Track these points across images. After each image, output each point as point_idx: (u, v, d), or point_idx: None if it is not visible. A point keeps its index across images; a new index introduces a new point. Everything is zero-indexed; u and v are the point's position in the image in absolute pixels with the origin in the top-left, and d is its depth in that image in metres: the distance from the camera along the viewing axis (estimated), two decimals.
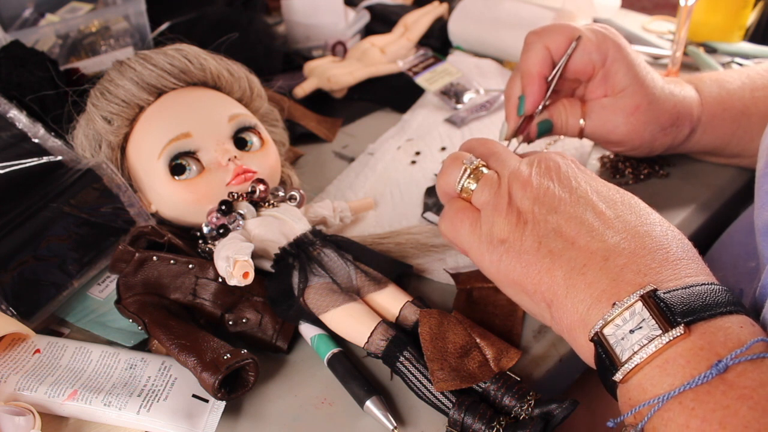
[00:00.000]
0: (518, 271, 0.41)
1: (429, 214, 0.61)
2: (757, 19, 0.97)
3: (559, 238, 0.40)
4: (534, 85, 0.56)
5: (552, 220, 0.40)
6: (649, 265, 0.36)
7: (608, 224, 0.39)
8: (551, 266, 0.39)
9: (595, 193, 0.41)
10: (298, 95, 0.78)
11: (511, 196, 0.42)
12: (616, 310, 0.35)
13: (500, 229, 0.42)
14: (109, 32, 0.81)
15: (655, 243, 0.37)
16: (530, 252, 0.40)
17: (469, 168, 0.46)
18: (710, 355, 0.32)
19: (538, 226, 0.41)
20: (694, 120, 0.59)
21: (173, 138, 0.53)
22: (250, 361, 0.43)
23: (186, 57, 0.57)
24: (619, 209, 0.40)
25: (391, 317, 0.47)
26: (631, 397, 0.34)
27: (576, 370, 0.51)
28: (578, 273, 0.38)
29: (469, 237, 0.44)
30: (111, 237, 0.53)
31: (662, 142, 0.59)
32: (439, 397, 0.41)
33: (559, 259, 0.39)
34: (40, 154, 0.54)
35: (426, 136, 0.73)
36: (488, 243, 0.43)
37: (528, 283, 0.40)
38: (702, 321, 0.33)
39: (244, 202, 0.53)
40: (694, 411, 0.31)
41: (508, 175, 0.43)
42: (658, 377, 0.33)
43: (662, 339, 0.33)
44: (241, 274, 0.45)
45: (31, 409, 0.41)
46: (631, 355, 0.34)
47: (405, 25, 0.89)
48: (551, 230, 0.40)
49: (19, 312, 0.48)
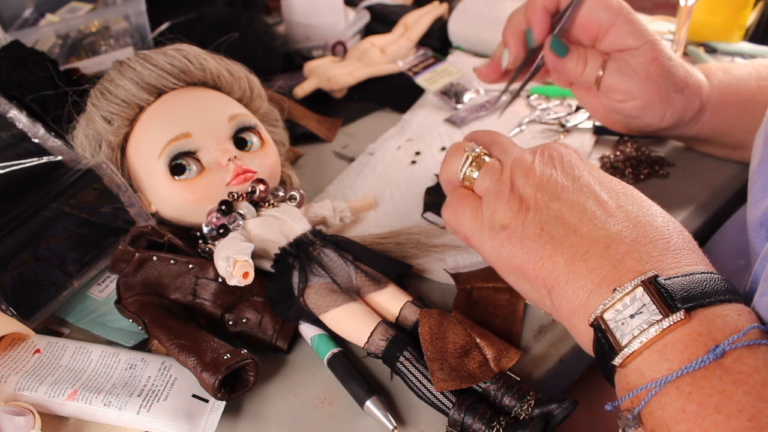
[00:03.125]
0: (520, 257, 0.41)
1: (429, 214, 0.61)
2: (757, 19, 0.97)
3: (561, 225, 0.40)
4: (538, 15, 0.57)
5: (554, 207, 0.40)
6: (651, 253, 0.37)
7: (610, 213, 0.39)
8: (553, 252, 0.39)
9: (597, 183, 0.42)
10: (298, 95, 0.78)
11: (514, 183, 0.43)
12: (617, 295, 0.35)
13: (502, 215, 0.42)
14: (109, 32, 0.81)
15: (657, 233, 0.38)
16: (532, 238, 0.40)
17: (471, 156, 0.46)
18: (708, 341, 0.32)
19: (540, 213, 0.41)
20: (703, 97, 0.58)
21: (173, 138, 0.53)
22: (250, 361, 0.43)
23: (186, 57, 0.57)
24: (621, 199, 0.40)
25: (391, 317, 0.47)
26: (629, 382, 0.34)
27: (576, 370, 0.51)
28: (580, 259, 0.38)
29: (471, 224, 0.45)
30: (111, 237, 0.53)
31: (676, 106, 0.58)
32: (439, 397, 0.41)
33: (561, 245, 0.39)
34: (40, 154, 0.55)
35: (426, 136, 0.73)
36: (490, 229, 0.43)
37: (529, 269, 0.41)
38: (701, 308, 0.34)
39: (244, 202, 0.53)
40: (690, 395, 0.31)
41: (511, 163, 0.44)
42: (656, 362, 0.33)
43: (662, 323, 0.33)
44: (241, 274, 0.45)
45: (31, 409, 0.41)
46: (631, 339, 0.34)
47: (405, 25, 0.89)
48: (553, 217, 0.40)
49: (19, 312, 0.48)
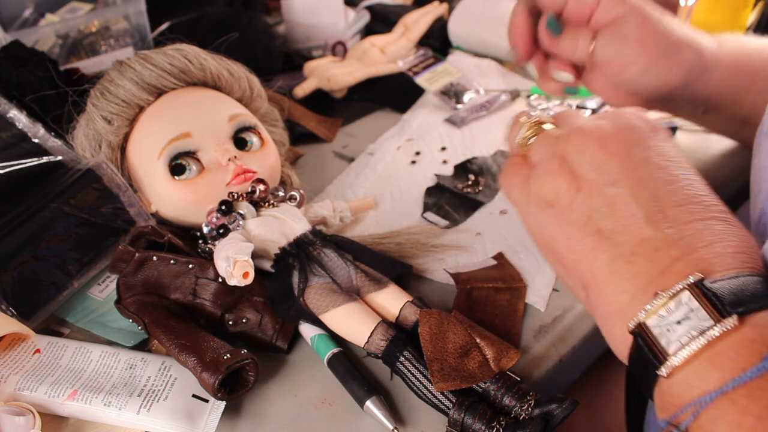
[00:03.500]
0: (560, 242, 0.38)
1: (429, 214, 0.61)
2: (757, 19, 0.97)
3: (611, 217, 0.36)
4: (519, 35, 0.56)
5: (608, 194, 0.36)
6: (703, 256, 0.33)
7: (666, 212, 0.35)
8: (596, 246, 0.36)
9: (663, 170, 0.37)
10: (298, 95, 0.78)
11: (567, 156, 0.38)
12: (660, 300, 0.33)
13: (548, 191, 0.39)
14: (109, 32, 0.81)
15: (715, 237, 0.34)
16: (577, 225, 0.37)
17: (529, 122, 0.42)
18: (762, 348, 0.30)
19: (591, 197, 0.37)
20: (706, 54, 0.55)
21: (173, 138, 0.53)
22: (250, 361, 0.43)
23: (186, 57, 0.57)
24: (683, 193, 0.36)
25: (391, 317, 0.47)
26: (674, 394, 0.32)
27: (576, 370, 0.51)
28: (625, 261, 0.35)
29: (518, 195, 0.42)
30: (111, 237, 0.53)
31: (678, 63, 0.54)
32: (439, 397, 0.41)
33: (606, 241, 0.36)
34: (40, 154, 0.54)
35: (426, 136, 0.73)
36: (536, 204, 0.40)
37: (567, 258, 0.38)
38: (752, 312, 0.31)
39: (244, 202, 0.53)
40: (747, 409, 0.29)
41: (570, 132, 0.39)
42: (705, 372, 0.31)
43: (714, 330, 0.31)
44: (241, 274, 0.45)
45: (31, 409, 0.41)
46: (679, 347, 0.31)
47: (405, 25, 0.89)
48: (605, 205, 0.36)
49: (19, 312, 0.48)
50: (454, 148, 0.71)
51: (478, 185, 0.65)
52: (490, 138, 0.72)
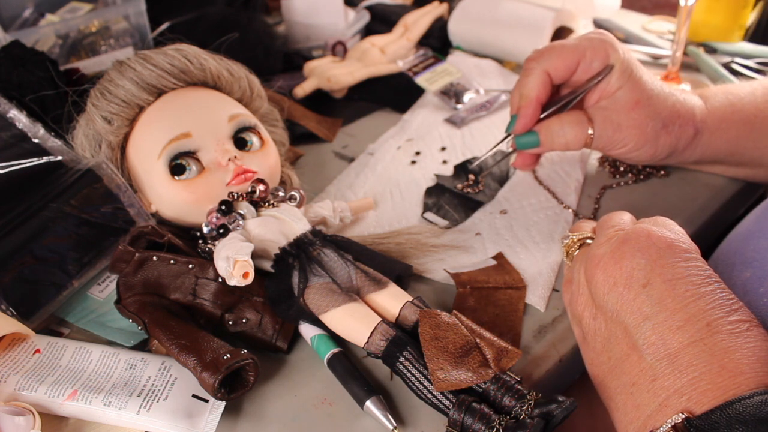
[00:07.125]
0: (588, 359, 0.44)
1: (429, 214, 0.61)
2: (757, 19, 0.97)
3: (619, 345, 0.40)
4: (530, 108, 0.56)
5: (619, 321, 0.40)
6: (698, 384, 0.34)
7: (666, 337, 0.36)
8: (609, 372, 0.40)
9: (666, 292, 0.37)
10: (298, 95, 0.78)
11: (585, 282, 0.43)
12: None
13: (575, 312, 0.45)
14: (109, 32, 0.81)
15: (717, 356, 0.34)
16: (596, 350, 0.42)
17: (567, 240, 0.48)
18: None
19: (608, 324, 0.41)
20: (697, 122, 0.58)
21: (173, 138, 0.53)
22: (250, 361, 0.43)
23: (186, 57, 0.57)
24: (684, 313, 0.37)
25: (391, 317, 0.47)
26: None
27: (576, 370, 0.51)
28: (627, 393, 0.38)
29: (568, 308, 0.48)
30: (111, 237, 0.53)
31: (666, 141, 0.57)
32: (439, 397, 0.41)
33: (614, 369, 0.40)
34: (40, 154, 0.54)
35: (426, 136, 0.73)
36: (572, 317, 0.46)
37: (594, 374, 0.43)
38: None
39: (244, 202, 0.53)
40: None
41: (585, 259, 0.43)
42: None
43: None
44: (241, 274, 0.45)
45: (31, 409, 0.41)
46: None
47: (405, 25, 0.89)
48: (615, 335, 0.40)
49: (19, 312, 0.48)
50: (454, 148, 0.71)
51: (478, 185, 0.65)
52: (490, 138, 0.72)
